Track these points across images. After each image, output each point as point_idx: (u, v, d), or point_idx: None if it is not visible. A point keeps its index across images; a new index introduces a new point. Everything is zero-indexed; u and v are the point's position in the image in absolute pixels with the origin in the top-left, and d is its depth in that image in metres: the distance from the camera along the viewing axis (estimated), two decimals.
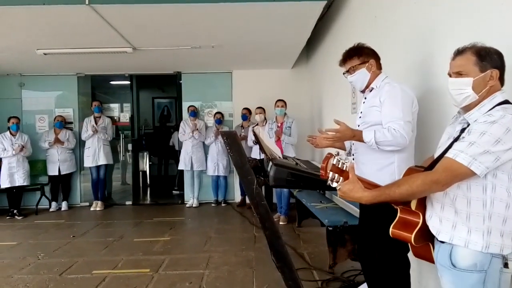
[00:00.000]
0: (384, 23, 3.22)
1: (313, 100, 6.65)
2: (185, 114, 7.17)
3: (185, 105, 7.24)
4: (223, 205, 6.88)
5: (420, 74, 2.58)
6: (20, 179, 6.28)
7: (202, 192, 7.03)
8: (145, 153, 9.24)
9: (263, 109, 6.34)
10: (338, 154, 1.57)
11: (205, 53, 5.85)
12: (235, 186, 7.16)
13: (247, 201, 6.82)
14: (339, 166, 1.55)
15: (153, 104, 11.22)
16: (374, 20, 3.47)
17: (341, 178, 1.56)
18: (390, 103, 2.15)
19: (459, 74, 1.51)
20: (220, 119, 6.90)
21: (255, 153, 5.76)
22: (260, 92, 6.90)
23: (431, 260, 1.64)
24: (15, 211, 6.29)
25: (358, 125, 2.41)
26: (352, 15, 4.20)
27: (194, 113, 6.95)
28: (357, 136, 2.23)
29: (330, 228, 3.45)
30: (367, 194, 1.53)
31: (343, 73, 2.44)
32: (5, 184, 6.20)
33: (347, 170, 1.57)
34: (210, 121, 7.16)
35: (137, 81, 9.02)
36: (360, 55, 2.35)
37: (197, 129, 6.80)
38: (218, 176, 6.91)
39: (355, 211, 3.84)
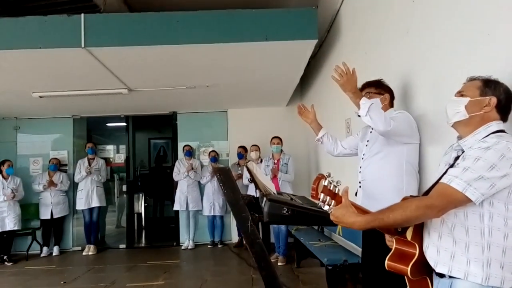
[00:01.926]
0: (374, 58, 3.27)
1: (309, 137, 6.64)
2: (180, 154, 7.13)
3: (180, 145, 7.22)
4: (219, 246, 6.68)
5: (411, 106, 2.59)
6: (11, 223, 6.10)
7: (198, 233, 6.86)
8: (141, 195, 9.10)
9: (258, 146, 6.33)
10: (329, 175, 1.53)
11: (200, 92, 5.91)
12: (232, 226, 7.00)
13: (245, 241, 6.64)
14: (331, 188, 1.51)
15: (149, 145, 11.21)
16: (364, 55, 3.54)
17: (333, 201, 1.52)
18: (398, 120, 2.27)
19: (461, 94, 1.54)
20: (215, 157, 6.87)
21: (252, 191, 5.67)
22: (256, 130, 6.90)
23: None
24: (5, 257, 6.06)
25: (364, 154, 2.44)
26: (343, 52, 4.29)
27: (190, 152, 6.92)
28: (356, 94, 2.34)
29: (330, 267, 3.33)
30: (360, 219, 1.48)
31: None
32: None
33: (340, 194, 1.53)
34: (206, 160, 7.12)
35: (133, 122, 9.05)
36: (378, 86, 2.50)
37: (192, 169, 6.74)
38: (214, 216, 6.77)
39: (355, 249, 3.72)
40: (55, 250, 6.60)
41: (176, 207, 6.80)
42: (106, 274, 5.25)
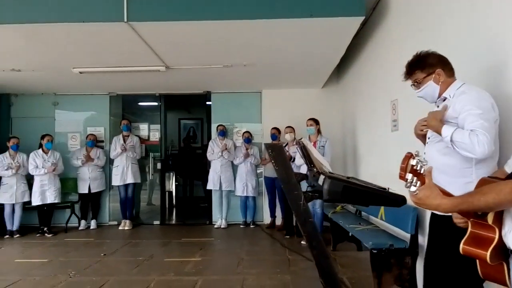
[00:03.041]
0: (431, 35, 3.09)
1: (345, 119, 6.50)
2: (213, 133, 7.13)
3: (213, 125, 7.21)
4: (251, 226, 6.70)
5: (483, 86, 2.40)
6: (52, 197, 6.31)
7: (230, 213, 6.89)
8: (172, 174, 9.21)
9: (293, 128, 6.23)
10: (417, 154, 1.42)
11: (236, 72, 5.85)
12: (264, 207, 6.99)
13: (277, 223, 6.64)
14: (418, 168, 1.40)
15: (179, 125, 11.32)
16: (418, 33, 3.35)
17: (418, 182, 1.41)
18: (468, 109, 1.92)
19: None
20: (248, 138, 6.83)
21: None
22: (290, 112, 6.81)
23: (503, 282, 1.46)
24: (45, 228, 6.29)
25: (429, 137, 2.20)
26: (392, 30, 4.09)
27: (223, 132, 6.91)
28: (436, 127, 2.01)
29: (375, 251, 3.24)
30: (446, 201, 1.37)
31: (411, 85, 2.22)
32: (37, 202, 6.24)
33: (423, 174, 1.42)
34: (239, 140, 7.09)
35: (165, 102, 9.11)
36: (423, 67, 2.10)
37: (226, 149, 6.73)
38: (247, 197, 6.78)
39: (398, 233, 3.62)
40: (93, 224, 6.80)
41: (209, 186, 6.84)
42: (143, 248, 5.36)
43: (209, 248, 5.34)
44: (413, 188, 1.39)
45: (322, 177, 2.06)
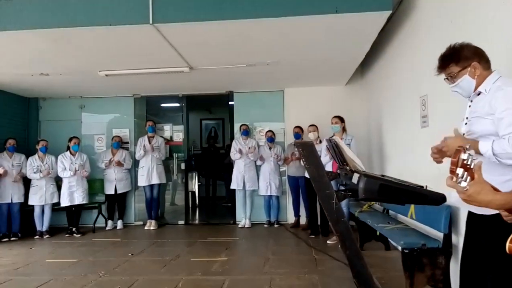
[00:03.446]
0: (463, 27, 2.99)
1: (371, 116, 6.39)
2: (237, 133, 7.14)
3: (236, 125, 7.22)
4: (275, 226, 6.67)
5: None
6: (80, 198, 6.43)
7: (254, 212, 6.87)
8: (194, 174, 9.28)
9: (316, 126, 6.17)
10: (468, 148, 1.35)
11: (259, 71, 5.83)
12: (288, 207, 6.95)
13: (301, 222, 6.59)
14: (468, 163, 1.32)
15: (200, 126, 11.40)
16: (449, 25, 3.25)
17: (469, 177, 1.34)
18: (505, 108, 1.82)
19: None
20: (271, 137, 6.80)
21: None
22: (313, 110, 6.74)
23: None
24: (73, 229, 6.42)
25: (464, 134, 2.11)
26: (420, 23, 3.98)
27: (247, 132, 6.90)
28: (471, 146, 1.92)
29: (406, 251, 3.16)
30: (499, 197, 1.30)
31: (444, 79, 2.11)
32: (65, 203, 6.37)
33: (473, 168, 1.35)
34: (262, 140, 7.07)
35: (187, 103, 9.19)
36: (458, 60, 1.99)
37: (253, 151, 6.70)
38: (270, 196, 6.75)
39: (430, 232, 3.53)
40: (119, 224, 6.91)
41: (233, 186, 6.84)
42: (169, 248, 5.40)
43: (234, 248, 5.35)
44: (463, 184, 1.32)
45: (356, 175, 2.02)
